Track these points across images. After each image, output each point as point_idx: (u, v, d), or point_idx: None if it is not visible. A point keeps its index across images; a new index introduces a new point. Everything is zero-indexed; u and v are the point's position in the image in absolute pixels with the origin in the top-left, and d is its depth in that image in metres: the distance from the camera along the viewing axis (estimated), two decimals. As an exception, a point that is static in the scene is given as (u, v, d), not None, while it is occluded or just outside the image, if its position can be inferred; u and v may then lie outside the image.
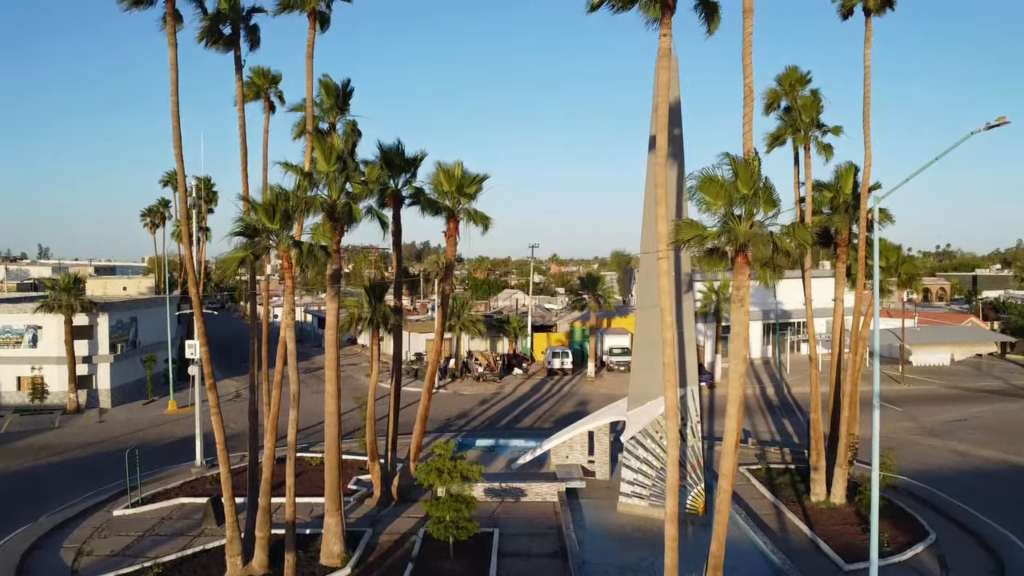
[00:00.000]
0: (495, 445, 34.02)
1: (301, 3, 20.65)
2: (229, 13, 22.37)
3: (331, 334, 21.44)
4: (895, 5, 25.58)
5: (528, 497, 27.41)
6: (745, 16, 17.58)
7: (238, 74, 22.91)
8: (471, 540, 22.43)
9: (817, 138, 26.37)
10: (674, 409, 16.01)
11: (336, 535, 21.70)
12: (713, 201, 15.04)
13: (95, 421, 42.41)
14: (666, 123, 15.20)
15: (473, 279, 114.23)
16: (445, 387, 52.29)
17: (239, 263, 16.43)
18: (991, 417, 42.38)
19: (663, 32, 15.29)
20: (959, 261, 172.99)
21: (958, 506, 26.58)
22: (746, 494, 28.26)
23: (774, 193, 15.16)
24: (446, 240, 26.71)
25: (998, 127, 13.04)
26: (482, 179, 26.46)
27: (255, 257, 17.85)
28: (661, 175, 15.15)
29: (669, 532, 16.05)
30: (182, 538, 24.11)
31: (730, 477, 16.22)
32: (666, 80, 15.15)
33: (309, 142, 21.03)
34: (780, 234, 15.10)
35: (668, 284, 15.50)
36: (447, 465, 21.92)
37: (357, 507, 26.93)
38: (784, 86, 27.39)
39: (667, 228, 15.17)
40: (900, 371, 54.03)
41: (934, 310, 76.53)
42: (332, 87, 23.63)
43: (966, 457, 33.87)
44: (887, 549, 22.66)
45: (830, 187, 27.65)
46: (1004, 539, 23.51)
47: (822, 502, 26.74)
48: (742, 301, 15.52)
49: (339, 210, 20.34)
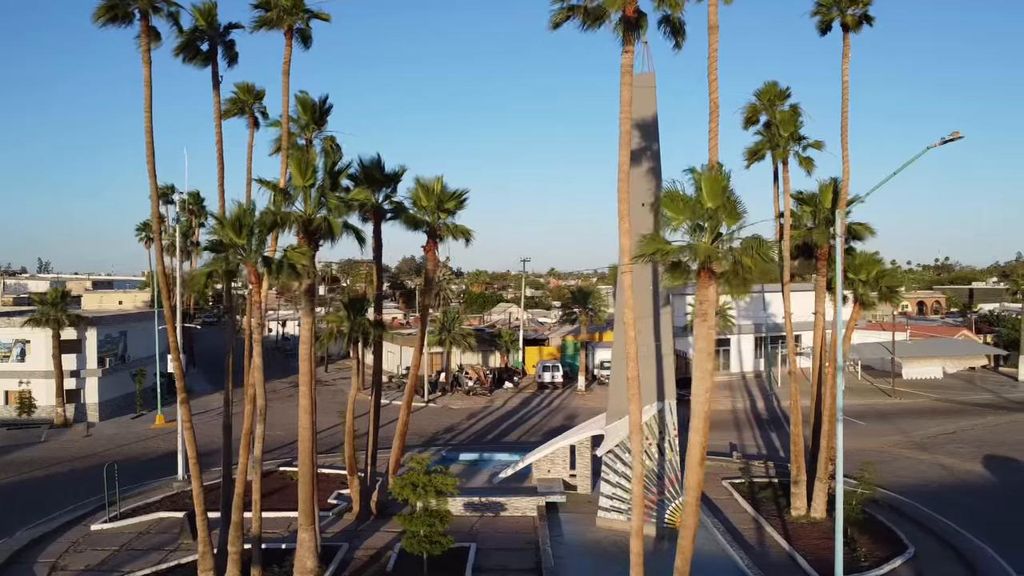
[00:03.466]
0: (479, 459, 33.94)
1: (277, 20, 20.82)
2: (206, 29, 22.64)
3: (305, 348, 21.45)
4: (873, 21, 25.86)
5: (508, 511, 27.32)
6: (710, 32, 17.76)
7: (215, 90, 23.13)
8: (447, 555, 22.31)
9: (797, 152, 26.46)
10: (637, 424, 15.99)
11: (309, 550, 21.59)
12: (676, 216, 15.11)
13: (82, 435, 42.34)
14: (628, 139, 15.30)
15: (470, 293, 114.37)
16: (435, 401, 52.23)
17: (207, 277, 16.47)
18: (981, 431, 42.27)
19: (626, 49, 15.41)
20: (957, 274, 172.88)
21: (940, 520, 26.47)
22: (727, 508, 28.18)
23: (739, 206, 15.22)
24: (426, 255, 26.78)
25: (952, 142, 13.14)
26: (461, 194, 26.56)
27: (231, 274, 17.91)
28: (623, 190, 15.23)
29: (634, 547, 15.99)
30: (158, 553, 24.02)
31: (695, 490, 16.17)
32: (628, 97, 15.27)
33: (284, 158, 21.16)
34: (742, 249, 15.14)
35: (630, 298, 15.53)
36: (422, 479, 21.85)
37: (336, 522, 26.84)
38: (763, 101, 27.53)
39: (630, 243, 15.22)
40: (891, 384, 53.91)
41: (928, 323, 76.43)
42: (309, 103, 23.80)
43: (952, 471, 33.75)
44: (864, 563, 22.58)
45: (810, 200, 27.75)
46: (982, 553, 23.40)
47: (803, 516, 26.63)
48: (705, 316, 15.56)
49: (315, 225, 20.42)
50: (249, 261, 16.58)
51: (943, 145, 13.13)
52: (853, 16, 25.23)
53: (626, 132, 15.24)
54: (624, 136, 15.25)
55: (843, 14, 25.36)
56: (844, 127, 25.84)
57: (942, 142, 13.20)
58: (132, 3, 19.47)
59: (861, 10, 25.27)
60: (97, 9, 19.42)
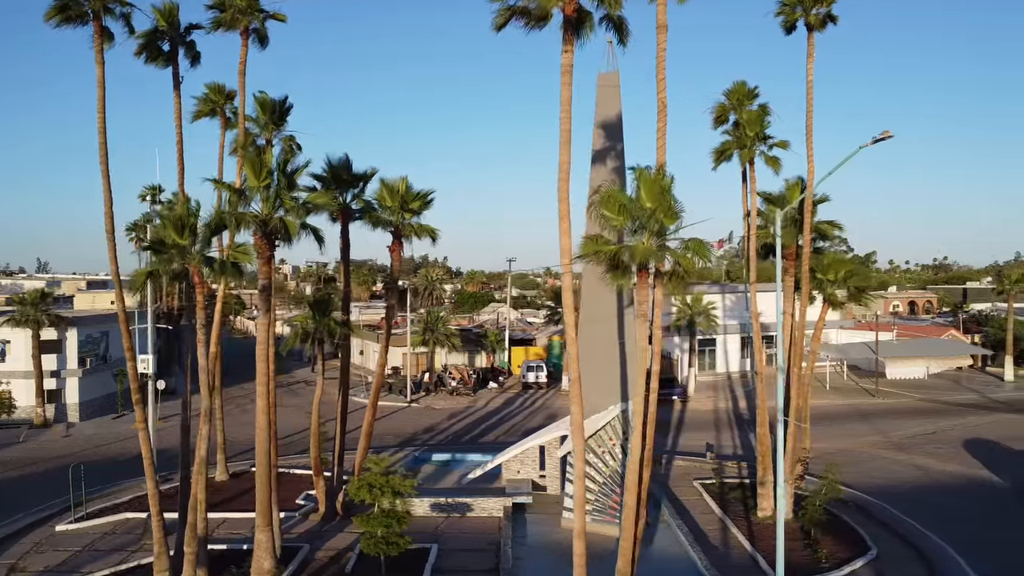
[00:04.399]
0: (451, 459, 33.88)
1: (233, 21, 20.80)
2: (167, 30, 22.63)
3: (262, 349, 21.43)
4: (837, 20, 25.79)
5: (475, 512, 27.28)
6: (658, 32, 17.70)
7: (176, 91, 23.10)
8: (408, 556, 22.30)
9: (763, 152, 26.37)
10: (579, 426, 15.94)
11: (267, 551, 21.54)
12: (614, 216, 15.05)
13: (61, 435, 42.36)
14: (568, 139, 15.23)
15: (464, 293, 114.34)
16: (418, 401, 52.20)
17: (147, 277, 16.44)
18: (961, 431, 42.14)
19: (565, 49, 15.35)
20: (953, 274, 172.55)
21: (905, 521, 26.42)
22: (695, 508, 28.12)
23: (677, 206, 15.16)
24: (391, 255, 26.74)
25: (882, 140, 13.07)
26: (427, 194, 26.54)
27: (177, 275, 17.87)
28: (563, 190, 15.18)
29: (577, 549, 15.94)
30: (119, 554, 24.00)
31: (634, 492, 16.14)
32: (568, 96, 15.21)
33: (240, 158, 21.12)
34: (681, 250, 15.09)
35: (569, 300, 15.48)
36: (379, 480, 21.84)
37: (301, 522, 26.83)
38: (732, 100, 27.46)
39: (570, 244, 15.17)
40: (875, 385, 53.81)
41: (918, 323, 76.29)
42: (268, 103, 23.76)
43: (927, 472, 33.65)
44: (824, 565, 22.51)
45: (778, 200, 27.67)
46: (944, 554, 23.36)
47: (769, 517, 26.53)
48: (645, 316, 15.49)
49: (271, 226, 20.37)
50: (191, 262, 16.53)
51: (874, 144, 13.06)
52: (817, 16, 25.18)
53: (565, 131, 15.18)
54: (564, 135, 15.18)
55: (807, 14, 25.32)
56: (809, 126, 25.82)
57: (873, 141, 13.12)
58: (84, 3, 19.43)
59: (825, 9, 25.22)
60: (49, 9, 19.43)
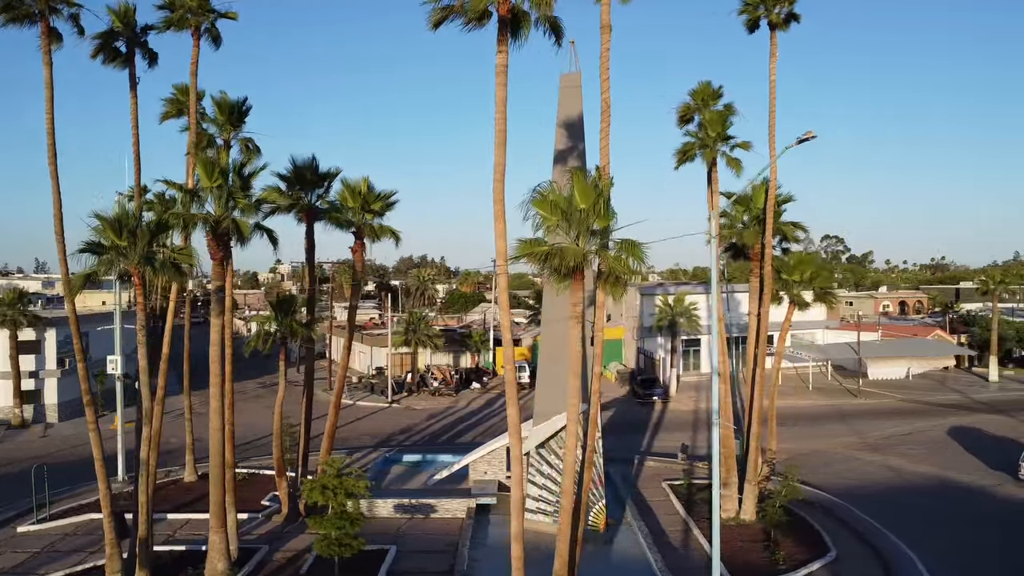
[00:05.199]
0: (421, 460, 33.84)
1: (180, 21, 20.76)
2: (123, 30, 22.60)
3: (215, 350, 21.40)
4: (800, 19, 25.72)
5: (438, 513, 27.22)
6: (602, 32, 17.66)
7: (132, 91, 23.05)
8: (365, 557, 22.32)
9: (725, 152, 26.26)
10: (516, 427, 15.86)
11: (220, 552, 21.52)
12: (548, 217, 14.99)
13: (39, 436, 42.38)
14: (503, 140, 15.14)
15: (457, 293, 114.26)
16: (399, 402, 52.15)
17: (84, 280, 16.39)
18: (940, 431, 42.03)
19: (499, 49, 15.29)
20: (947, 274, 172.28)
21: (869, 523, 26.34)
22: (660, 509, 28.05)
23: (611, 207, 15.09)
24: (353, 256, 26.69)
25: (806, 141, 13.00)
26: (389, 195, 26.50)
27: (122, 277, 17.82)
28: (498, 191, 15.10)
29: (515, 551, 15.89)
30: (79, 555, 24.00)
31: (570, 495, 16.08)
32: (502, 96, 15.13)
33: (192, 159, 21.08)
34: (614, 251, 15.02)
35: (505, 301, 15.40)
36: (333, 482, 21.79)
37: (264, 523, 26.80)
38: (697, 100, 27.36)
39: (505, 245, 15.10)
40: (858, 385, 53.68)
41: (906, 323, 76.14)
42: (226, 104, 23.72)
43: (899, 472, 33.56)
44: (782, 567, 22.45)
45: (742, 201, 27.60)
46: (903, 556, 23.29)
47: (732, 519, 26.48)
48: (578, 318, 15.42)
49: (222, 226, 20.33)
50: (131, 263, 16.49)
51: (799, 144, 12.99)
52: (778, 15, 25.11)
53: (500, 132, 15.10)
54: (498, 136, 15.11)
55: (769, 13, 25.25)
56: (772, 127, 25.71)
57: (798, 142, 13.07)
58: (31, 3, 19.39)
59: (787, 8, 25.15)
60: (-4, 10, 19.36)
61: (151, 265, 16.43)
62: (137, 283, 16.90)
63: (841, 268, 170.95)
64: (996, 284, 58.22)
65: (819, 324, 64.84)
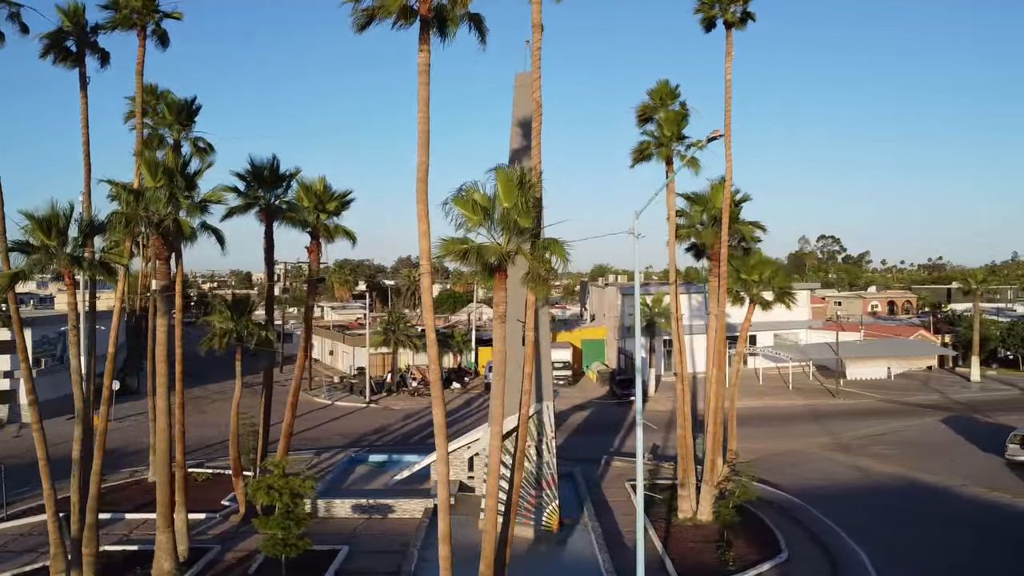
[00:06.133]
0: (387, 460, 33.81)
1: (123, 21, 20.77)
2: (72, 30, 22.59)
3: (162, 350, 21.38)
4: (755, 18, 25.67)
5: (396, 514, 27.19)
6: (533, 31, 17.65)
7: (83, 91, 23.03)
8: (313, 557, 22.32)
9: (680, 152, 26.21)
10: (442, 428, 15.85)
11: (167, 552, 21.51)
12: (470, 216, 14.96)
13: (12, 436, 42.43)
14: (426, 140, 15.10)
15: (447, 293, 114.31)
16: (377, 402, 52.15)
17: (11, 280, 16.37)
18: (915, 431, 41.97)
19: (421, 48, 15.25)
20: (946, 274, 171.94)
21: (826, 523, 26.27)
22: (619, 510, 28.01)
23: (532, 207, 15.05)
24: (309, 256, 26.68)
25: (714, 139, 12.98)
26: (344, 195, 26.50)
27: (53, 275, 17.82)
28: (421, 191, 15.06)
29: (442, 552, 15.86)
30: (31, 555, 23.97)
31: (493, 495, 16.06)
32: (425, 96, 15.10)
33: (138, 159, 21.08)
34: (538, 250, 14.99)
35: (428, 301, 15.38)
36: (278, 482, 21.77)
37: (221, 523, 26.79)
38: (656, 99, 27.32)
39: (428, 245, 15.07)
40: (837, 385, 53.57)
41: (894, 323, 75.97)
42: (175, 104, 23.71)
43: (867, 473, 33.47)
44: (731, 568, 22.39)
45: (700, 201, 27.56)
46: (852, 557, 23.22)
47: (689, 519, 26.44)
48: (502, 317, 15.39)
49: (165, 225, 20.31)
50: (60, 263, 16.50)
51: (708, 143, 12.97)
52: (733, 14, 25.06)
53: (423, 132, 15.06)
54: (421, 136, 15.07)
55: (724, 12, 25.21)
56: (728, 125, 25.62)
57: (707, 140, 13.04)
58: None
59: (741, 7, 25.10)
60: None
61: (79, 265, 16.41)
62: (68, 283, 16.90)
63: (836, 268, 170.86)
64: (978, 284, 58.09)
65: (803, 324, 64.70)
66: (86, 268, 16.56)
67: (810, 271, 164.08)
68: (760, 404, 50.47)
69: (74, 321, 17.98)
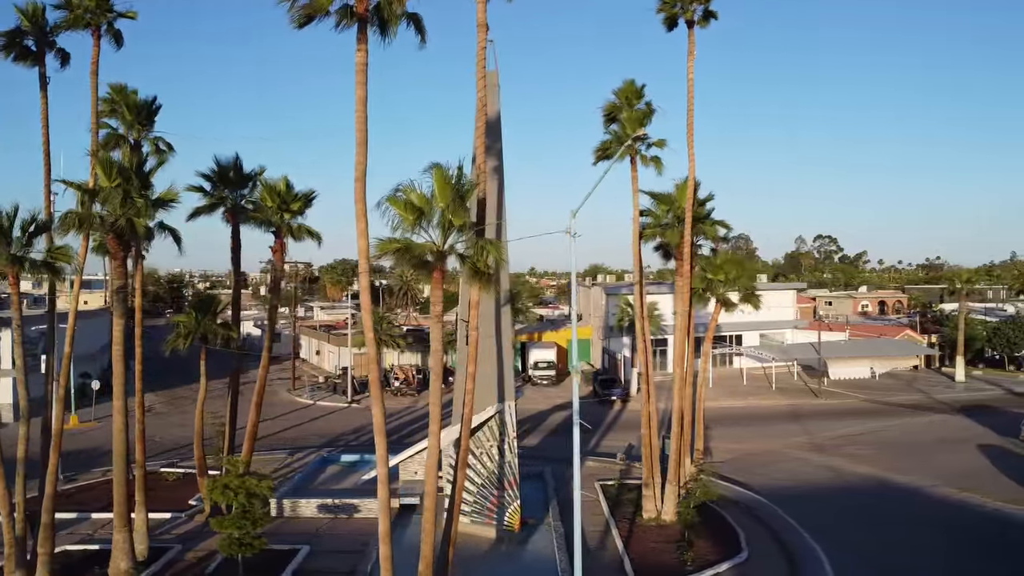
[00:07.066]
0: (359, 460, 33.79)
1: (77, 21, 20.81)
2: (30, 29, 22.62)
3: (118, 350, 21.50)
4: (717, 16, 25.66)
5: (362, 513, 27.20)
6: (478, 30, 17.68)
7: (43, 91, 23.05)
8: (272, 557, 22.38)
9: (641, 152, 26.16)
10: (381, 427, 15.90)
11: (123, 551, 21.56)
12: (405, 215, 14.98)
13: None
14: (364, 139, 15.11)
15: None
16: (359, 401, 52.18)
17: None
18: (894, 431, 41.93)
19: (359, 48, 15.27)
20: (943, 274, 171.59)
21: (789, 522, 26.24)
22: (586, 510, 27.76)
23: (465, 206, 15.08)
24: (273, 255, 26.72)
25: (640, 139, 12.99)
26: (308, 195, 26.52)
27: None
28: (359, 190, 15.08)
29: (383, 552, 15.86)
30: (-10, 554, 24.00)
31: (432, 497, 16.11)
32: (362, 95, 15.12)
33: (93, 160, 21.13)
34: (474, 249, 15.01)
35: (367, 300, 15.40)
36: (234, 482, 21.80)
37: (187, 523, 26.85)
38: (621, 99, 27.31)
39: (367, 244, 15.09)
40: (819, 385, 53.51)
41: (882, 323, 75.91)
42: (134, 104, 23.74)
43: (839, 473, 33.43)
44: (689, 568, 22.38)
45: (666, 200, 27.55)
46: (812, 556, 23.20)
47: (653, 519, 26.44)
48: (438, 317, 15.41)
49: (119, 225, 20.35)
50: (2, 263, 16.55)
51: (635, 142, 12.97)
52: (693, 12, 25.07)
53: (361, 131, 15.07)
54: (359, 135, 15.07)
55: (686, 11, 25.22)
56: (690, 125, 25.64)
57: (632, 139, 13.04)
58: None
59: (702, 6, 25.11)
60: None
61: (21, 265, 16.46)
62: (12, 283, 16.95)
63: (832, 268, 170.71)
64: (963, 284, 58.04)
65: (788, 324, 64.63)
66: (27, 268, 16.61)
67: (806, 271, 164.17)
68: (743, 404, 50.47)
69: (18, 321, 18.02)
